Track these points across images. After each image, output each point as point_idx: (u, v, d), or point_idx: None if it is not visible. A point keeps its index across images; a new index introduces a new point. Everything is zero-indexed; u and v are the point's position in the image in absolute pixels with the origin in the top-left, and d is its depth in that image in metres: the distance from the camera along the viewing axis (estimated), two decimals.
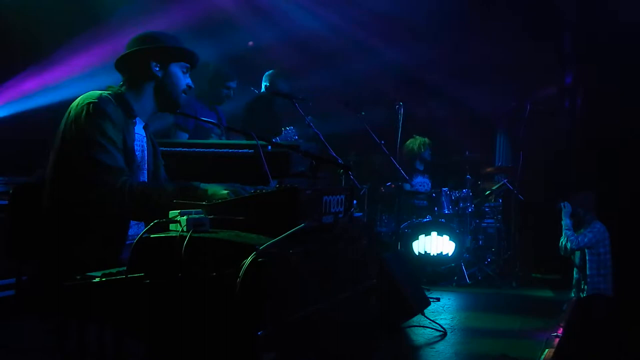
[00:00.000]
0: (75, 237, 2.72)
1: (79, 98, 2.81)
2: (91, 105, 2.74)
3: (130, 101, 2.92)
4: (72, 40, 5.59)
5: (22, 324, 3.09)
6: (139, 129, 3.00)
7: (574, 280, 6.43)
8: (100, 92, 2.85)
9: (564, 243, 6.42)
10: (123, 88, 2.96)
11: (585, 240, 6.29)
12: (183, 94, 3.07)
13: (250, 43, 8.07)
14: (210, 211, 2.31)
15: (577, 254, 6.41)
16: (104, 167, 2.66)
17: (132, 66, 2.97)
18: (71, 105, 2.81)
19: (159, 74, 2.98)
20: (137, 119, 2.97)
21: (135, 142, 2.93)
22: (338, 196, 2.60)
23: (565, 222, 6.38)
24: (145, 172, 3.03)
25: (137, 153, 2.93)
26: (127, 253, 2.69)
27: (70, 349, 2.32)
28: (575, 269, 6.49)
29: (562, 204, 6.44)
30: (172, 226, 2.21)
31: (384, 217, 7.12)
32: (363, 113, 6.32)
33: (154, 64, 2.96)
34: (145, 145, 3.06)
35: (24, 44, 5.45)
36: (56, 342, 2.37)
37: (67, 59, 5.57)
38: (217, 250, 2.08)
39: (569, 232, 6.32)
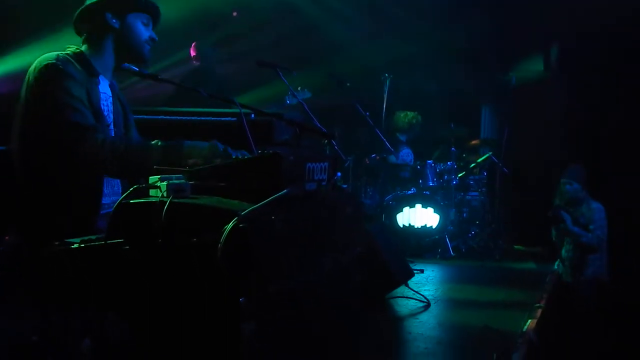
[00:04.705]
0: (46, 205, 2.67)
1: (36, 61, 2.73)
2: (49, 66, 2.67)
3: (89, 59, 2.84)
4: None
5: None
6: (103, 88, 2.91)
7: (566, 261, 6.33)
8: (57, 52, 2.76)
9: (554, 236, 6.42)
10: (83, 47, 2.88)
11: (604, 233, 6.14)
12: (147, 45, 2.97)
13: (235, 13, 7.97)
14: (192, 177, 2.27)
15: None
16: (78, 127, 2.60)
17: (88, 22, 2.89)
18: (29, 70, 2.72)
19: (116, 26, 2.89)
20: (101, 77, 2.89)
21: (101, 102, 2.85)
22: (321, 163, 2.57)
23: (572, 230, 6.18)
24: (113, 133, 2.93)
25: (104, 113, 2.85)
26: (102, 222, 2.66)
27: (54, 324, 2.28)
28: (564, 250, 6.43)
29: (561, 214, 6.22)
30: (152, 192, 2.17)
31: (368, 190, 7.09)
32: (348, 84, 6.27)
33: (110, 15, 2.87)
34: (112, 106, 2.97)
35: None
36: (38, 318, 2.33)
37: None
38: (198, 216, 2.04)
39: (586, 238, 6.13)
